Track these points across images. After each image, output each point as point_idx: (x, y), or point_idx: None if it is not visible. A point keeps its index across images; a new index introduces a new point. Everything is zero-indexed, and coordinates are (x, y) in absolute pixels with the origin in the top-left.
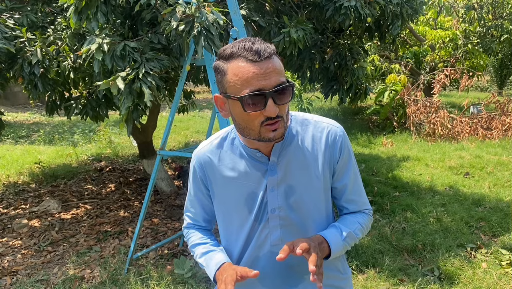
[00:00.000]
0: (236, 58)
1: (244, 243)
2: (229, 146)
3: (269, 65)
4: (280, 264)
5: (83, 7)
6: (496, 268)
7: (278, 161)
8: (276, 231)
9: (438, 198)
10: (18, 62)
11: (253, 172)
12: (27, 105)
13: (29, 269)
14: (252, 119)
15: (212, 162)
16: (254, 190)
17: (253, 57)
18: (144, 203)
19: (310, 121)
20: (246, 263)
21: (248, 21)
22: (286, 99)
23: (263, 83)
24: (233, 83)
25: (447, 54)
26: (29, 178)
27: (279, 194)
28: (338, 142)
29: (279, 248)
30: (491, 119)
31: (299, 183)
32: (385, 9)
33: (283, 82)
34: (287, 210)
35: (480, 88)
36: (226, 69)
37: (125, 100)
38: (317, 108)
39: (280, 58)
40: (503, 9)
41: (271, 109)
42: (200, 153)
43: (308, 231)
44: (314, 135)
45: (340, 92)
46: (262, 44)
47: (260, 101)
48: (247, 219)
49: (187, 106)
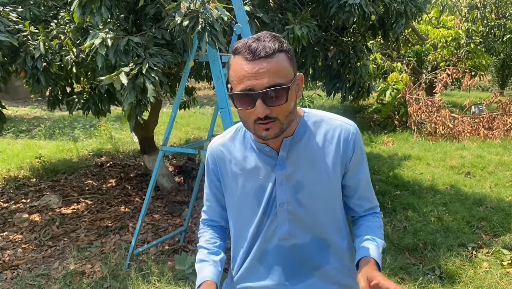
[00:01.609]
0: (238, 54)
1: (253, 236)
2: (241, 140)
3: (263, 64)
4: (288, 258)
5: (87, 1)
6: (498, 268)
7: (288, 156)
8: (284, 225)
9: (439, 197)
10: (21, 56)
11: (263, 166)
12: (28, 100)
13: (29, 263)
14: (247, 116)
15: (224, 155)
16: (263, 183)
17: (248, 55)
18: (145, 198)
19: (323, 118)
20: (254, 256)
21: (252, 18)
22: (279, 102)
23: (253, 83)
24: (232, 78)
25: (449, 53)
26: (29, 172)
27: (287, 189)
28: (352, 140)
29: (287, 242)
30: (493, 119)
31: (308, 178)
32: (389, 7)
33: (277, 84)
34: (295, 204)
35: (481, 88)
36: (230, 64)
37: (128, 96)
38: (318, 106)
39: (288, 56)
40: (506, 9)
41: (259, 110)
42: (213, 146)
43: (317, 226)
44: (326, 133)
45: (342, 90)
46: (265, 42)
47: (250, 101)
48: (255, 212)
49: (189, 103)
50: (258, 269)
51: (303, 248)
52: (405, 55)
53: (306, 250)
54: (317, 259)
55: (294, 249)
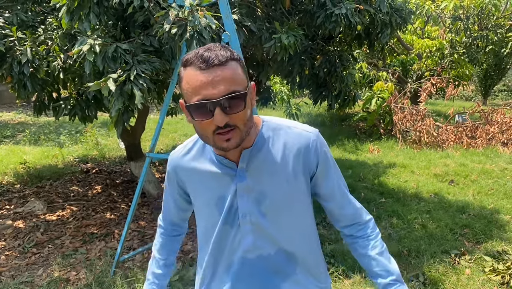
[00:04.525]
0: (190, 65)
1: (217, 247)
2: (201, 150)
3: (218, 72)
4: (255, 271)
5: (75, 7)
6: (480, 275)
7: (248, 167)
8: (248, 236)
9: (424, 204)
10: (8, 61)
11: (222, 176)
12: (13, 105)
13: (13, 270)
14: (204, 128)
15: (185, 165)
16: (223, 194)
17: (202, 64)
18: (132, 205)
19: (282, 127)
20: (222, 267)
21: (240, 26)
22: (237, 109)
23: (210, 92)
24: (186, 90)
25: (433, 63)
26: (13, 178)
27: (249, 200)
28: (312, 147)
29: (252, 254)
30: (476, 128)
31: (270, 189)
32: (375, 17)
33: (234, 91)
34: (258, 215)
35: (465, 97)
36: (182, 77)
37: (115, 102)
38: (305, 114)
39: (240, 64)
40: (488, 21)
41: (218, 118)
42: (174, 155)
43: (282, 237)
44: (286, 141)
45: (329, 98)
46: (216, 50)
47: (207, 111)
48: (216, 221)
49: (176, 109)
50: (225, 281)
51: (269, 260)
52: (390, 65)
53: (272, 262)
54: (284, 271)
55: (259, 261)
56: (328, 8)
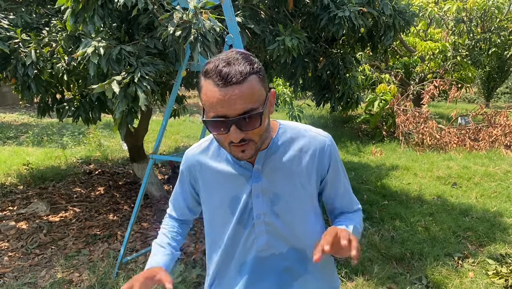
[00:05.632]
0: (208, 78)
1: (229, 246)
2: (216, 150)
3: (235, 91)
4: (267, 269)
5: (80, 10)
6: (483, 278)
7: (263, 169)
8: (262, 236)
9: (426, 207)
10: (12, 63)
11: (237, 177)
12: (16, 106)
13: (16, 271)
14: (221, 139)
15: (200, 164)
16: (238, 194)
17: (219, 82)
18: (135, 206)
19: (298, 130)
20: (234, 267)
21: (243, 28)
22: (253, 126)
23: (226, 110)
24: (204, 102)
25: (436, 65)
26: (17, 179)
27: (264, 201)
28: (327, 151)
29: (266, 253)
30: (479, 130)
31: (284, 190)
32: (378, 20)
33: (251, 109)
34: (272, 216)
35: (468, 99)
36: (201, 87)
37: (119, 104)
38: (307, 116)
39: (259, 77)
40: (491, 23)
41: (233, 136)
42: (188, 154)
43: (295, 237)
44: (301, 145)
45: (332, 100)
46: (236, 66)
47: (224, 127)
48: (229, 221)
49: (179, 111)
50: (238, 281)
51: (281, 258)
52: (393, 67)
53: (284, 260)
54: (296, 269)
55: (271, 259)
56: (331, 10)
